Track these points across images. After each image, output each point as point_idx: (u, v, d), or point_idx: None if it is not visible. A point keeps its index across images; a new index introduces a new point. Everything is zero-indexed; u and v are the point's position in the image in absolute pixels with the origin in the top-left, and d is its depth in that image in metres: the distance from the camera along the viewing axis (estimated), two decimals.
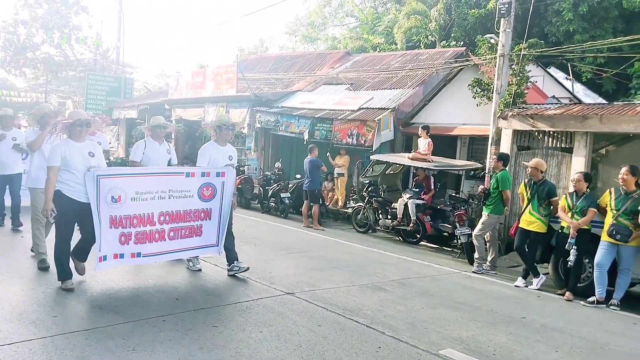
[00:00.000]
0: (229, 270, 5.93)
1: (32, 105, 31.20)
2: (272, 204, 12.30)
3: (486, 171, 10.05)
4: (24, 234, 7.04)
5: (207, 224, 5.64)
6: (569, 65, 15.03)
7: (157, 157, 6.05)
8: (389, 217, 10.43)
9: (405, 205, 9.93)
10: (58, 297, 4.75)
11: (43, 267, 5.57)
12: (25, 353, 3.49)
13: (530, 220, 6.92)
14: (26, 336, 3.76)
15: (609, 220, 6.11)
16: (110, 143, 10.53)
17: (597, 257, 6.12)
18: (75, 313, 4.36)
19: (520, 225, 7.06)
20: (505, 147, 9.76)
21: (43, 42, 29.64)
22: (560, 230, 6.75)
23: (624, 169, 6.14)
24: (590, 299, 6.11)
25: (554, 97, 13.30)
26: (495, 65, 10.29)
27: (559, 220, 6.77)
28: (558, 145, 9.23)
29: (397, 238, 10.25)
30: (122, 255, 5.03)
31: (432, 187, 10.31)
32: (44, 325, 4.02)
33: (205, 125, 6.46)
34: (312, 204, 10.72)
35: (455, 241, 9.18)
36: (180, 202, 5.37)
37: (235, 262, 5.91)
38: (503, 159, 8.03)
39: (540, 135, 9.46)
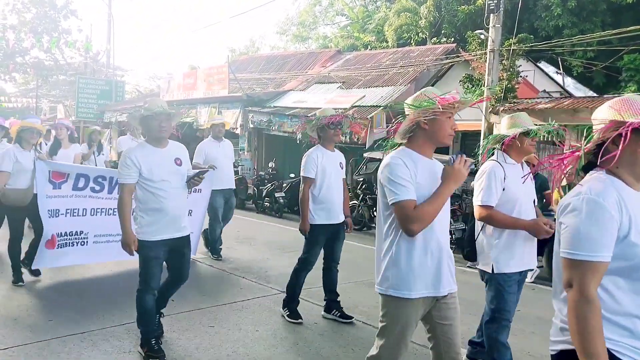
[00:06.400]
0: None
1: (23, 111, 31.08)
2: (266, 203, 12.31)
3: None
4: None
5: None
6: (559, 59, 15.13)
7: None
8: None
9: None
10: (53, 302, 4.74)
11: None
12: (22, 357, 3.48)
13: None
14: (22, 340, 3.75)
15: None
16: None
17: None
18: (70, 317, 4.34)
19: None
20: None
21: (32, 46, 29.42)
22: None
23: None
24: None
25: (544, 91, 13.39)
26: (485, 61, 10.35)
27: (553, 213, 6.82)
28: (549, 139, 9.30)
29: None
30: None
31: None
32: (40, 329, 4.00)
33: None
34: None
35: (450, 236, 9.21)
36: None
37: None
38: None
39: None
